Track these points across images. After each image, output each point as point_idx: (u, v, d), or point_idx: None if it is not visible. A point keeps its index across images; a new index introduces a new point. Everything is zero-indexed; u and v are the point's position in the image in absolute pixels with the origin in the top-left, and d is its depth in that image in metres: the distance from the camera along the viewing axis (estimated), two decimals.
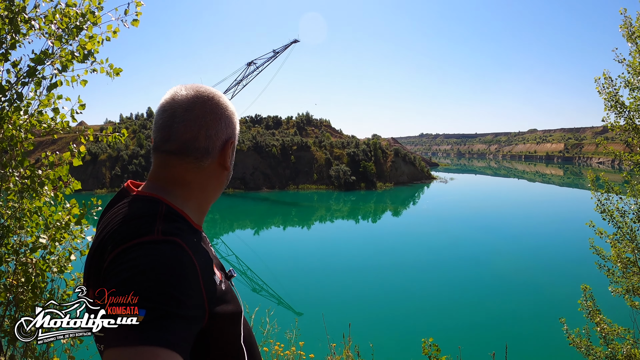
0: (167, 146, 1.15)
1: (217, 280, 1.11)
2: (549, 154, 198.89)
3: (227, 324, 1.13)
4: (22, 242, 3.12)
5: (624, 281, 7.15)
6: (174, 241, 0.98)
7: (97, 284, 0.99)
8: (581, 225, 8.72)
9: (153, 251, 0.94)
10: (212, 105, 1.18)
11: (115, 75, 3.32)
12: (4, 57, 2.88)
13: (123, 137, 3.46)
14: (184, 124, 1.14)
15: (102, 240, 1.05)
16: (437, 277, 25.27)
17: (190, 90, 1.18)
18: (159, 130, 1.17)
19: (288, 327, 5.56)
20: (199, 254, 1.05)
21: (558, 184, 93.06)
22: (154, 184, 1.18)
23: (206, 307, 1.01)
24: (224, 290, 1.14)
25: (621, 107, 7.03)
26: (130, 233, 0.99)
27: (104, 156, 70.38)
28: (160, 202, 1.10)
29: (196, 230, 1.15)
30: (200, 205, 1.22)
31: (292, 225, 46.18)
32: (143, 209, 1.07)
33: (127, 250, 0.95)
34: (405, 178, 77.35)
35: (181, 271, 0.94)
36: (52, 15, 2.97)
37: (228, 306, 1.13)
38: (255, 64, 66.82)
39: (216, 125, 1.17)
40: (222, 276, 1.17)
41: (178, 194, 1.16)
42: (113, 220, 1.08)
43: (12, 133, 2.91)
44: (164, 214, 1.06)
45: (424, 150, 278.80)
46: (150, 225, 1.00)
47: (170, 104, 1.16)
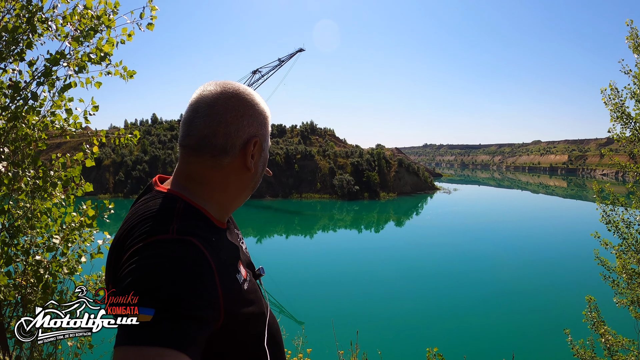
0: (186, 141, 1.14)
1: (240, 279, 1.09)
2: (553, 166, 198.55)
3: (249, 325, 1.10)
4: (32, 242, 3.12)
5: (629, 292, 7.11)
6: (188, 240, 0.96)
7: (114, 281, 0.98)
8: (586, 237, 8.69)
9: (166, 250, 0.93)
10: (235, 101, 1.14)
11: (129, 78, 3.32)
12: (19, 57, 2.90)
13: (135, 139, 3.47)
14: (204, 120, 1.11)
15: (121, 236, 1.05)
16: (442, 286, 25.13)
17: (217, 86, 1.16)
18: (182, 125, 1.16)
19: (295, 335, 5.53)
20: (217, 253, 1.02)
21: (562, 196, 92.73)
22: (177, 181, 1.17)
23: (221, 308, 0.99)
24: (247, 289, 1.12)
25: (627, 118, 7.03)
26: (146, 231, 0.98)
27: (107, 161, 70.59)
28: (179, 200, 1.09)
29: (218, 229, 1.13)
30: (223, 205, 1.19)
31: (295, 234, 46.02)
32: (161, 207, 1.06)
33: (142, 249, 0.94)
34: (408, 188, 77.17)
35: (193, 271, 0.92)
36: (70, 17, 2.99)
37: (250, 307, 1.11)
38: (261, 72, 67.25)
39: (237, 123, 1.13)
40: (247, 275, 1.15)
41: (198, 192, 1.14)
42: (133, 216, 1.08)
43: (26, 132, 2.93)
44: (181, 212, 1.05)
45: (428, 161, 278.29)
46: (167, 223, 0.99)
47: (196, 99, 1.15)
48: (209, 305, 0.94)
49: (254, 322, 1.13)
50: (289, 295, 22.84)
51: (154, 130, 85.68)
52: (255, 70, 67.31)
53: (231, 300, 1.03)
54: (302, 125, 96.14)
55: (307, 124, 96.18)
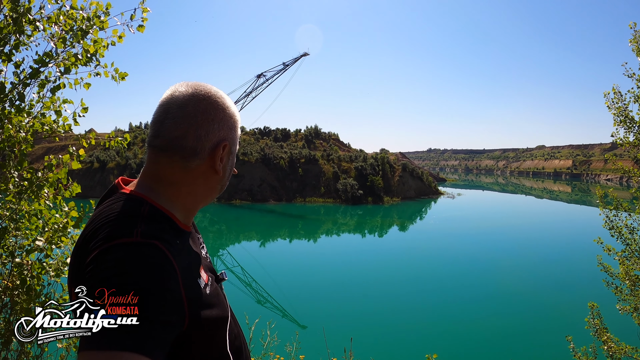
0: (156, 142, 1.14)
1: (201, 283, 1.10)
2: (557, 171, 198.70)
3: (211, 329, 1.12)
4: (18, 245, 3.10)
5: (632, 299, 7.05)
6: (152, 244, 0.96)
7: (76, 282, 0.98)
8: (589, 242, 8.64)
9: (130, 254, 0.93)
10: (206, 104, 1.14)
11: (120, 80, 3.30)
12: (7, 57, 2.89)
13: (125, 142, 3.46)
14: (174, 121, 1.11)
15: (85, 238, 1.04)
16: (442, 292, 25.04)
17: (189, 88, 1.16)
18: (152, 125, 1.16)
19: (288, 340, 5.51)
20: (181, 256, 1.03)
21: (566, 201, 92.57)
22: (143, 182, 1.16)
23: (186, 312, 1.00)
24: (209, 293, 1.13)
25: (631, 122, 6.97)
26: (110, 234, 0.97)
27: (112, 164, 70.99)
28: (144, 202, 1.09)
29: (182, 232, 1.13)
30: (188, 207, 1.19)
31: (298, 238, 46.06)
32: (126, 209, 1.06)
33: (105, 252, 0.94)
34: (412, 193, 77.16)
35: (157, 274, 0.93)
36: (56, 17, 2.97)
37: (212, 310, 1.12)
38: (265, 76, 67.50)
39: (207, 126, 1.13)
40: (209, 279, 1.17)
41: (164, 194, 1.14)
42: (97, 218, 1.07)
43: (10, 133, 2.90)
44: (146, 215, 1.05)
45: (432, 166, 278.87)
46: (131, 226, 0.99)
47: (167, 99, 1.15)
48: (173, 309, 0.95)
49: (216, 325, 1.15)
50: (292, 299, 22.85)
51: None
52: (260, 74, 67.58)
53: (195, 304, 1.04)
54: (306, 129, 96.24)
55: (311, 128, 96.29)
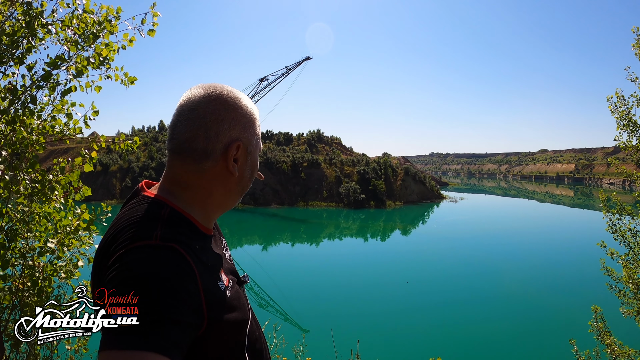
0: (170, 145, 1.15)
1: (222, 286, 1.10)
2: (560, 175, 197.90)
3: (230, 332, 1.11)
4: (29, 246, 3.12)
5: (636, 302, 7.04)
6: (171, 247, 0.97)
7: (99, 284, 0.99)
8: (592, 246, 8.63)
9: (149, 256, 0.94)
10: (216, 105, 1.13)
11: (129, 84, 3.32)
12: (19, 61, 2.91)
13: (135, 145, 3.48)
14: (185, 123, 1.12)
15: (107, 242, 1.06)
16: (445, 295, 25.01)
17: (202, 90, 1.15)
18: (168, 129, 1.17)
19: (295, 343, 5.50)
20: (201, 259, 1.04)
21: (568, 205, 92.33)
22: (164, 185, 1.17)
23: (204, 314, 1.00)
24: (230, 296, 1.12)
25: (634, 126, 6.98)
26: (131, 237, 0.99)
27: (115, 167, 71.09)
28: (165, 205, 1.10)
29: (203, 235, 1.14)
30: (207, 210, 1.18)
31: (301, 242, 46.02)
32: (146, 212, 1.07)
33: (125, 254, 0.95)
34: (415, 197, 77.03)
35: (176, 277, 0.94)
36: (69, 21, 3.00)
37: (232, 313, 1.11)
38: (268, 80, 67.42)
39: (216, 126, 1.12)
40: (229, 282, 1.15)
41: (183, 196, 1.15)
42: (119, 221, 1.08)
43: (23, 135, 2.93)
44: (166, 218, 1.06)
45: (434, 170, 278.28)
46: (151, 229, 1.00)
47: (181, 103, 1.15)
48: (192, 311, 0.95)
49: (235, 328, 1.14)
50: (294, 302, 22.81)
51: (161, 136, 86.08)
52: (262, 78, 67.49)
53: (214, 306, 1.04)
54: (309, 133, 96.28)
55: (314, 132, 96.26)
